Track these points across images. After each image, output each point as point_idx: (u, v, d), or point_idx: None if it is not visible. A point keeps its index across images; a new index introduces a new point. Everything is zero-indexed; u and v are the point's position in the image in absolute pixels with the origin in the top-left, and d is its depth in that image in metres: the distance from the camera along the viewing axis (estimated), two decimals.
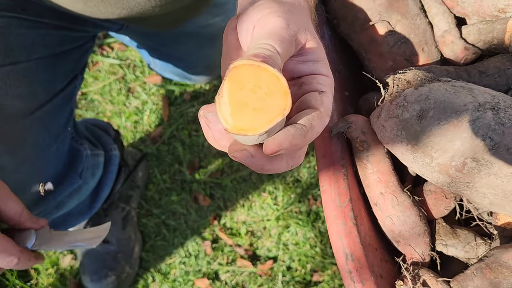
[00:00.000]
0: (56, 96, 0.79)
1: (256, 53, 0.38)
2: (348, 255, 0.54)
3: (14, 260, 0.59)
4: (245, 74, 0.36)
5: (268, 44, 0.39)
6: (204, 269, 1.29)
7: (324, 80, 0.44)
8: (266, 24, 0.42)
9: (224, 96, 0.36)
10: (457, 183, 0.50)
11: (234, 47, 0.47)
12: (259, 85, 0.36)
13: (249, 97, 0.36)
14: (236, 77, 0.36)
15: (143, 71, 1.51)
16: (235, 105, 0.36)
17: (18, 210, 0.62)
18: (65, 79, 0.82)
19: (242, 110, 0.36)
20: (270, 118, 0.36)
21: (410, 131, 0.51)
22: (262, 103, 0.36)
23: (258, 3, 0.45)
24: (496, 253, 0.48)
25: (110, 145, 1.07)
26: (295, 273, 1.28)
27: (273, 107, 0.36)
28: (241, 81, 0.36)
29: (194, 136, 1.42)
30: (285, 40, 0.41)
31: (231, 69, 0.36)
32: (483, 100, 0.48)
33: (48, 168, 0.79)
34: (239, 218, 1.34)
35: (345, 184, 0.57)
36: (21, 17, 0.72)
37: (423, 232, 0.57)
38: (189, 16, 0.95)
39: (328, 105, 0.43)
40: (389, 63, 0.64)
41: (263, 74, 0.36)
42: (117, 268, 1.22)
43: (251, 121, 0.36)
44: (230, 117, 0.36)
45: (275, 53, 0.39)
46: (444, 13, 0.62)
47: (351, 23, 0.64)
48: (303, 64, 0.45)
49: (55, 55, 0.79)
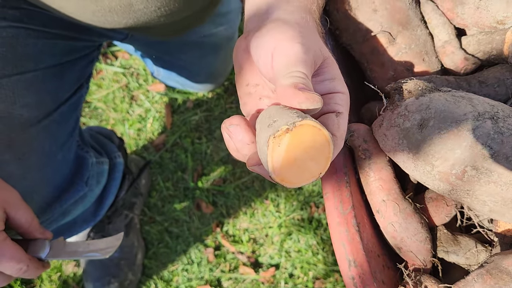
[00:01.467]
0: (62, 104, 0.81)
1: (294, 83, 0.40)
2: (351, 261, 0.55)
3: (23, 268, 0.59)
4: (307, 133, 0.39)
5: (299, 72, 0.42)
6: (207, 276, 1.30)
7: (341, 99, 0.46)
8: (286, 51, 0.43)
9: (281, 146, 0.39)
10: (458, 190, 0.50)
11: (247, 68, 0.49)
12: (312, 147, 0.40)
13: (300, 155, 0.40)
14: (299, 135, 0.39)
15: (146, 79, 1.52)
16: (287, 159, 0.40)
17: (28, 219, 0.63)
18: (72, 88, 0.84)
19: (291, 165, 0.40)
20: (307, 178, 0.41)
21: (411, 140, 0.52)
22: (308, 163, 0.40)
23: (268, 26, 0.46)
24: (496, 259, 0.49)
25: (114, 152, 1.08)
26: (297, 281, 1.28)
27: (314, 169, 0.41)
28: (301, 139, 0.39)
29: (197, 144, 1.43)
30: (309, 64, 0.43)
31: (298, 126, 0.39)
32: (483, 110, 0.49)
33: (55, 175, 0.80)
34: (242, 225, 1.35)
35: (348, 192, 0.58)
36: (29, 28, 0.74)
37: (425, 239, 0.58)
38: (193, 25, 0.96)
39: (344, 127, 0.45)
40: (391, 73, 0.65)
41: (319, 137, 0.40)
42: (120, 275, 1.23)
43: (293, 176, 0.40)
44: (279, 168, 0.40)
45: (308, 80, 0.41)
46: (444, 24, 0.63)
47: (353, 34, 0.66)
48: (320, 84, 0.46)
49: (61, 64, 0.80)
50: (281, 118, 0.40)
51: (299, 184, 0.41)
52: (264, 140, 0.40)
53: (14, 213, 0.62)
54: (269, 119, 0.41)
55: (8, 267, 0.59)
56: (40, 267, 0.63)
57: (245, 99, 0.49)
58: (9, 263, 0.59)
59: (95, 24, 0.77)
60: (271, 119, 0.41)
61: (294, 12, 0.48)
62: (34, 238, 0.66)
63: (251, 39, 0.47)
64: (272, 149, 0.39)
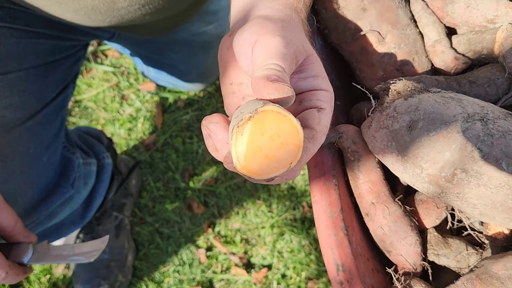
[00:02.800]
0: (47, 105, 0.79)
1: (267, 75, 0.39)
2: (339, 266, 0.54)
3: (1, 275, 0.58)
4: (270, 120, 0.37)
5: (275, 64, 0.40)
6: (198, 278, 1.29)
7: (324, 96, 0.44)
8: (266, 44, 0.42)
9: (244, 135, 0.37)
10: (447, 193, 0.50)
11: (230, 66, 0.48)
12: (278, 134, 0.37)
13: (266, 144, 0.37)
14: (262, 121, 0.37)
15: (137, 78, 1.50)
16: (251, 148, 0.37)
17: (11, 222, 0.61)
18: (57, 88, 0.82)
19: (256, 154, 0.37)
20: (276, 168, 0.38)
21: (400, 142, 0.51)
22: (275, 152, 0.37)
23: (251, 23, 0.45)
24: (486, 264, 0.48)
25: (102, 153, 1.07)
26: (290, 281, 1.27)
27: (283, 159, 0.38)
28: (265, 127, 0.37)
29: (188, 144, 1.41)
30: (288, 58, 0.42)
31: (260, 112, 0.37)
32: (472, 111, 0.48)
33: (40, 178, 0.78)
34: (234, 225, 1.34)
35: (336, 194, 0.57)
36: (11, 27, 0.72)
37: (415, 242, 0.57)
38: (180, 23, 0.95)
39: (325, 122, 0.43)
40: (380, 72, 0.64)
41: (285, 124, 0.37)
42: (110, 277, 1.21)
43: (259, 166, 0.37)
44: (243, 157, 0.37)
45: (283, 72, 0.40)
46: (434, 23, 0.62)
47: (341, 33, 0.64)
48: (303, 81, 0.45)
49: (46, 64, 0.78)
50: (247, 109, 0.38)
51: (268, 175, 0.38)
52: (230, 132, 0.38)
53: None
54: (237, 112, 0.39)
55: None
56: (20, 273, 0.61)
57: (228, 98, 0.48)
58: None
59: (78, 23, 0.75)
60: (239, 111, 0.39)
61: (278, 10, 0.47)
62: (18, 242, 0.64)
63: (234, 37, 0.46)
64: (236, 139, 0.37)
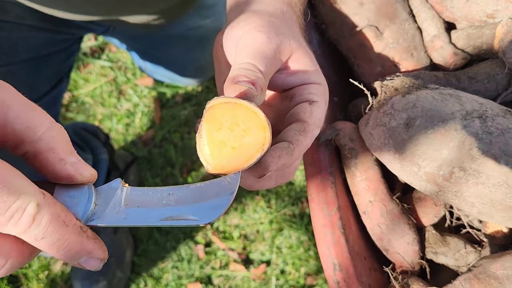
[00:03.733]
0: (40, 99, 0.78)
1: (235, 75, 0.38)
2: (336, 265, 0.53)
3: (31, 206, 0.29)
4: (222, 112, 0.36)
5: (248, 64, 0.39)
6: (197, 273, 1.28)
7: (316, 89, 0.43)
8: (247, 41, 0.41)
9: (203, 137, 0.36)
10: (445, 192, 0.49)
11: (224, 64, 0.47)
12: (236, 122, 0.36)
13: (227, 136, 0.36)
14: (213, 117, 0.36)
15: (134, 73, 1.49)
16: (214, 146, 0.36)
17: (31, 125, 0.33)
18: (50, 82, 0.81)
19: (221, 149, 0.36)
20: (249, 155, 0.36)
21: (398, 139, 0.50)
22: (241, 141, 0.36)
23: (239, 18, 0.44)
24: (484, 263, 0.47)
25: (99, 148, 1.06)
26: (289, 277, 1.27)
27: (252, 144, 0.36)
28: (219, 121, 0.36)
29: (186, 139, 1.41)
30: (267, 56, 0.40)
31: (208, 109, 0.36)
32: (471, 108, 0.47)
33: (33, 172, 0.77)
34: (232, 221, 1.34)
35: (333, 193, 0.56)
36: (2, 20, 0.71)
37: (413, 240, 0.56)
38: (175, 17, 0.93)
39: (317, 115, 0.42)
40: (378, 68, 0.63)
41: (240, 111, 0.36)
42: (108, 273, 1.21)
43: (230, 160, 0.36)
44: (210, 158, 0.36)
45: (255, 71, 0.39)
46: (433, 18, 0.61)
47: (339, 28, 0.63)
48: (293, 76, 0.44)
49: (38, 58, 0.77)
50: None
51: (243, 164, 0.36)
52: None
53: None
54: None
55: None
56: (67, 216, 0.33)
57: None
58: None
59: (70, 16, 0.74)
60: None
61: (271, 4, 0.46)
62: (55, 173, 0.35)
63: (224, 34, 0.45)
64: (199, 144, 0.36)
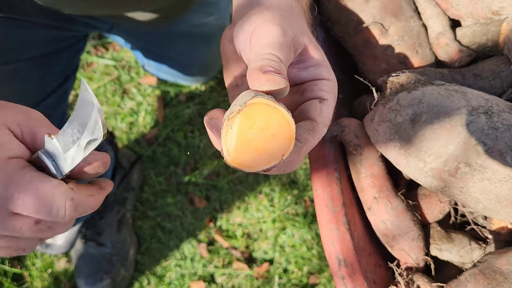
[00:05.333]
0: (48, 96, 0.78)
1: (261, 65, 0.38)
2: (341, 260, 0.53)
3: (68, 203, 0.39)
4: (259, 112, 0.37)
5: (270, 54, 0.39)
6: (200, 272, 1.29)
7: (326, 86, 0.44)
8: (263, 34, 0.41)
9: (233, 128, 0.37)
10: (451, 188, 0.49)
11: (233, 59, 0.47)
12: (268, 126, 0.37)
13: (256, 136, 0.37)
14: (251, 114, 0.37)
15: (138, 72, 1.50)
16: (241, 141, 0.37)
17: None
18: (57, 79, 0.82)
19: (247, 147, 0.37)
20: (268, 160, 0.37)
21: (403, 135, 0.50)
22: (266, 144, 0.37)
23: (250, 13, 0.44)
24: (489, 258, 0.47)
25: (104, 146, 1.06)
26: (292, 276, 1.27)
27: (274, 151, 0.37)
28: (254, 119, 0.37)
29: (190, 138, 1.41)
30: (285, 47, 0.41)
31: (248, 105, 0.36)
32: (477, 104, 0.47)
33: None
34: (235, 220, 1.34)
35: (338, 189, 0.57)
36: (8, 17, 0.71)
37: (417, 237, 0.56)
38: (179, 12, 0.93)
39: (327, 114, 0.43)
40: (383, 65, 0.63)
41: (276, 116, 0.37)
42: (112, 271, 1.21)
43: (250, 159, 0.37)
44: (233, 151, 0.37)
45: (278, 62, 0.39)
46: (439, 15, 0.61)
47: (344, 25, 0.63)
48: (304, 71, 0.45)
49: (45, 55, 0.78)
50: (239, 101, 0.37)
51: (259, 167, 0.38)
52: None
53: (30, 137, 0.42)
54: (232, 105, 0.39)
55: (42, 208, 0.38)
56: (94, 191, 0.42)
57: (232, 91, 0.48)
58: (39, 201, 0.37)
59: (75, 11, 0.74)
60: (233, 104, 0.38)
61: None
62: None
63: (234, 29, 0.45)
64: (225, 133, 0.37)
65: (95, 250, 1.22)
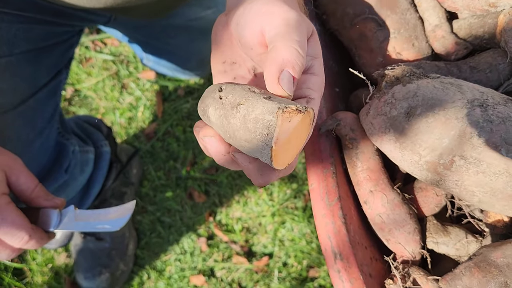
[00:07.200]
0: (39, 90, 0.78)
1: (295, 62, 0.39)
2: (337, 254, 0.53)
3: (25, 237, 0.56)
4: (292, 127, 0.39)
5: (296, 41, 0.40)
6: (200, 266, 1.29)
7: (314, 84, 0.43)
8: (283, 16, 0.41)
9: (292, 123, 0.38)
10: (446, 181, 0.49)
11: (226, 45, 0.47)
12: (299, 128, 0.39)
13: (291, 136, 0.39)
14: (306, 118, 0.39)
15: (136, 66, 1.49)
16: (287, 137, 0.39)
17: (30, 185, 0.60)
18: (49, 73, 0.81)
19: (285, 143, 0.39)
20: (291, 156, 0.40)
21: (398, 128, 0.50)
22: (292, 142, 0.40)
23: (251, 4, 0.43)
24: (485, 251, 0.47)
25: (100, 141, 1.06)
26: (291, 269, 1.27)
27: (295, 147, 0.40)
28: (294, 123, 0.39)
29: (189, 132, 1.41)
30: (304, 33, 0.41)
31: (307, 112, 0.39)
32: (472, 97, 0.47)
33: (32, 163, 0.78)
34: (235, 214, 1.34)
35: (334, 182, 0.57)
36: (2, 11, 0.70)
37: (414, 230, 0.56)
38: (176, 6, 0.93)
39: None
40: (379, 58, 0.63)
41: (306, 119, 0.39)
42: (111, 266, 1.22)
43: (283, 154, 0.39)
44: (281, 142, 0.38)
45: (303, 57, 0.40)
46: (435, 7, 0.61)
47: (340, 19, 0.63)
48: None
49: (38, 49, 0.77)
50: (275, 96, 0.39)
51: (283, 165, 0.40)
52: (266, 110, 0.37)
53: (15, 178, 0.59)
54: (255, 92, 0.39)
55: (8, 234, 0.56)
56: (45, 238, 0.59)
57: (219, 77, 0.48)
58: (10, 229, 0.55)
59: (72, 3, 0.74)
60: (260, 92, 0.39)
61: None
62: (41, 206, 0.62)
63: (232, 16, 0.45)
64: (281, 123, 0.37)
65: (94, 245, 1.22)
